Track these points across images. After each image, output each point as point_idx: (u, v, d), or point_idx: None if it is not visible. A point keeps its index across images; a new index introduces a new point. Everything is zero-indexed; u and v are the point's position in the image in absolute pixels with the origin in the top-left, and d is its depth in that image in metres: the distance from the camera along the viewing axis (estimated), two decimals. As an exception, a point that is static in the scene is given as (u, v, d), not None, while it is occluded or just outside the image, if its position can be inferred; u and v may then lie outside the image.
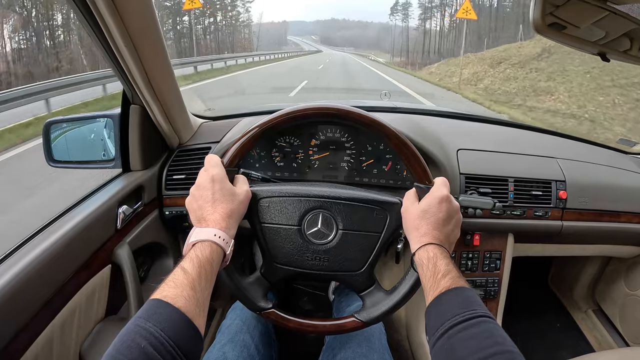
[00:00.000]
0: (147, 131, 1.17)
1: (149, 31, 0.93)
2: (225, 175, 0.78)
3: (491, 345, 0.56)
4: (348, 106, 0.87)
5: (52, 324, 0.85)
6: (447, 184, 0.81)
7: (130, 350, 0.51)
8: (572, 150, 1.40)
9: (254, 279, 0.87)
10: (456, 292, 0.66)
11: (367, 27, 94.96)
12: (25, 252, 0.83)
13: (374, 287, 0.87)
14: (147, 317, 0.56)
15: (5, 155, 5.08)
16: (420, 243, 0.75)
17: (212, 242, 0.69)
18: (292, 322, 0.87)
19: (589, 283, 1.77)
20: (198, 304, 0.62)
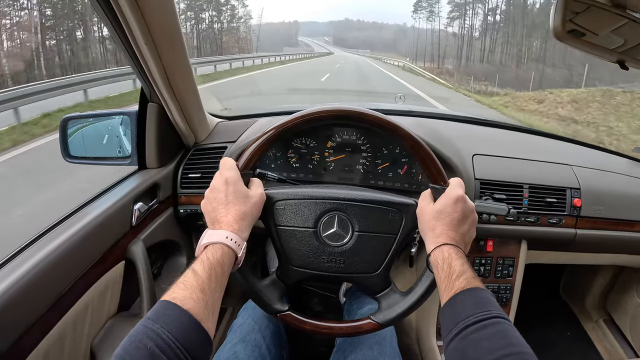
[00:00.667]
0: (163, 129, 1.17)
1: (169, 29, 0.94)
2: (239, 178, 0.78)
3: (505, 346, 0.56)
4: (363, 108, 0.87)
5: (64, 319, 0.85)
6: (462, 185, 0.81)
7: (138, 351, 0.52)
8: (588, 157, 1.39)
9: (269, 282, 0.87)
10: (471, 292, 0.66)
11: (382, 29, 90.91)
12: (40, 246, 0.84)
13: (389, 288, 0.87)
14: (155, 318, 0.56)
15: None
16: (435, 244, 0.75)
17: (224, 245, 0.69)
18: (308, 324, 0.87)
19: (600, 292, 1.75)
20: (207, 306, 0.62)
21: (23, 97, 6.37)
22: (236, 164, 0.81)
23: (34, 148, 5.29)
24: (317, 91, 11.22)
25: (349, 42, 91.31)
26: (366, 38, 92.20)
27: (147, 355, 0.52)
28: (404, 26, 73.08)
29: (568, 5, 0.70)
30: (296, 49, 56.06)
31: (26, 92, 6.55)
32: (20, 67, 14.18)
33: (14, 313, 0.73)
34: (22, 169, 4.70)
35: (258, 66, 21.42)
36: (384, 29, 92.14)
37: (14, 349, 0.73)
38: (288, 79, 15.97)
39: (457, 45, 38.71)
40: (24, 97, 6.39)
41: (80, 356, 0.94)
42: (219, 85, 12.26)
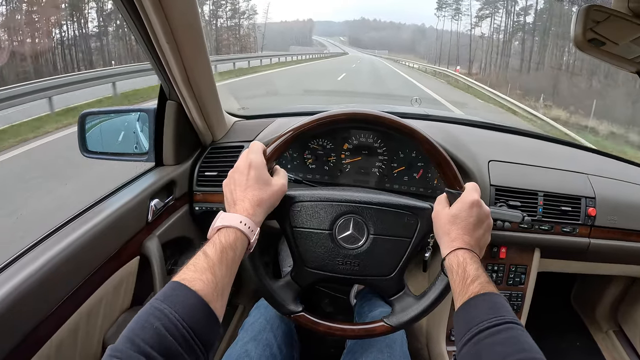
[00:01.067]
0: (181, 127, 1.18)
1: (191, 28, 0.95)
2: (263, 164, 0.78)
3: (518, 352, 0.56)
4: (382, 112, 0.87)
5: (78, 312, 0.86)
6: (478, 189, 0.81)
7: (143, 331, 0.52)
8: (603, 167, 1.38)
9: (284, 283, 0.88)
10: (485, 297, 0.66)
11: (400, 29, 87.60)
12: (57, 239, 0.85)
13: (403, 292, 0.87)
14: (163, 298, 0.57)
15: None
16: (450, 248, 0.75)
17: (237, 229, 0.69)
18: (322, 325, 0.87)
19: (611, 303, 1.73)
20: (217, 288, 0.61)
21: (56, 87, 6.98)
22: (264, 149, 0.81)
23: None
24: (332, 92, 11.10)
25: (365, 43, 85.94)
26: (382, 38, 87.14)
27: (154, 335, 0.52)
28: (423, 27, 68.46)
29: (589, 14, 0.70)
30: (307, 48, 52.55)
31: (58, 83, 7.17)
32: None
33: (30, 304, 0.74)
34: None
35: (265, 67, 18.76)
36: (402, 29, 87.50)
37: (28, 339, 0.73)
38: (297, 82, 14.48)
39: (489, 47, 30.08)
40: (57, 87, 7.02)
41: (92, 349, 0.95)
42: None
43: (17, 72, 10.13)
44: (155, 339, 0.52)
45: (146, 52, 0.98)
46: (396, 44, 74.84)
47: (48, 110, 6.68)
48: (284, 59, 24.86)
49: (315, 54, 40.16)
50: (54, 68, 14.62)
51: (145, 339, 0.51)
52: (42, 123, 6.21)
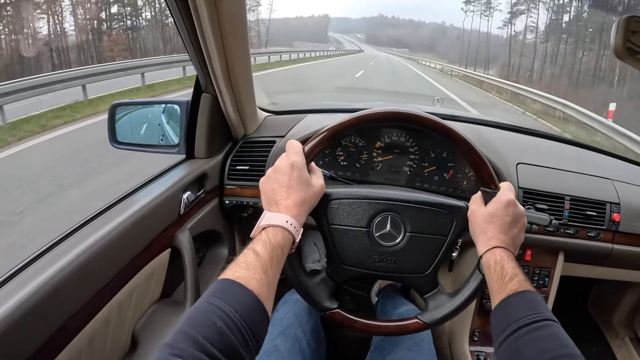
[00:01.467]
0: (215, 120, 1.19)
1: (237, 20, 0.95)
2: (304, 164, 0.78)
3: (557, 348, 0.57)
4: (421, 111, 0.88)
5: (110, 303, 0.86)
6: (513, 189, 0.82)
7: (205, 328, 0.51)
8: (629, 173, 1.38)
9: (320, 279, 0.88)
10: (523, 295, 0.66)
11: (419, 27, 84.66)
12: (90, 230, 0.85)
13: (437, 289, 0.88)
14: (220, 296, 0.56)
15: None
16: (487, 246, 0.76)
17: (284, 228, 0.70)
18: (358, 322, 0.88)
19: (629, 310, 1.73)
20: (269, 287, 0.62)
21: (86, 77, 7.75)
22: (303, 147, 0.81)
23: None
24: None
25: (382, 40, 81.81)
26: (401, 36, 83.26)
27: (216, 333, 0.51)
28: (443, 25, 65.68)
29: (629, 25, 0.70)
30: (317, 44, 50.09)
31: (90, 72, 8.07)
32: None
33: (63, 296, 0.74)
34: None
35: (271, 64, 17.44)
36: (421, 27, 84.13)
37: (61, 331, 0.74)
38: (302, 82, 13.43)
39: (527, 48, 25.19)
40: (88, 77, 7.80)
41: (122, 340, 0.96)
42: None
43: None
44: (217, 337, 0.51)
45: (188, 44, 0.99)
46: (415, 43, 70.36)
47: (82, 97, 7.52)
48: (296, 56, 23.64)
49: (326, 50, 36.69)
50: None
51: (208, 337, 0.50)
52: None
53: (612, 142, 6.32)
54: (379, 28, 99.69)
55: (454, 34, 47.33)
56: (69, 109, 7.00)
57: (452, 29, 52.53)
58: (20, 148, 5.21)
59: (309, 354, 0.97)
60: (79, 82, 7.54)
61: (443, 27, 63.59)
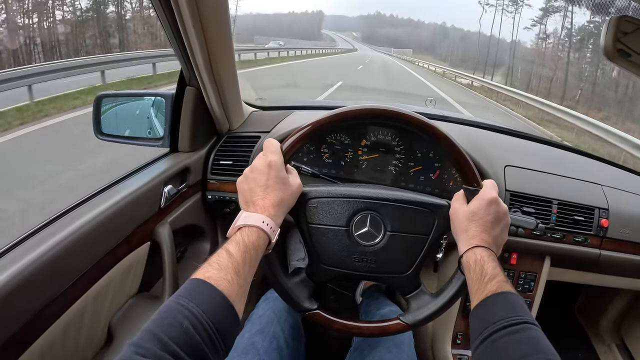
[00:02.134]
0: (199, 114, 1.18)
1: (218, 13, 0.94)
2: (282, 164, 0.77)
3: (535, 353, 0.55)
4: (402, 108, 0.87)
5: (86, 294, 0.85)
6: (496, 187, 0.80)
7: (171, 328, 0.51)
8: (618, 179, 1.37)
9: (299, 280, 0.87)
10: (502, 296, 0.65)
11: (418, 27, 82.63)
12: (68, 221, 0.84)
13: (419, 289, 0.86)
14: (189, 296, 0.55)
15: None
16: (468, 245, 0.74)
17: (259, 228, 0.69)
18: (337, 323, 0.87)
19: (615, 316, 1.73)
20: (240, 289, 0.61)
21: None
22: (280, 146, 0.80)
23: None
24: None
25: (380, 40, 78.97)
26: (400, 35, 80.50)
27: (182, 333, 0.51)
28: (443, 26, 64.35)
29: (620, 25, 0.69)
30: (318, 42, 48.33)
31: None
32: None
33: (39, 285, 0.73)
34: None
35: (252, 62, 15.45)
36: (421, 27, 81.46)
37: (35, 319, 0.73)
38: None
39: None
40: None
41: (98, 332, 0.95)
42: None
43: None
44: (183, 337, 0.50)
45: (170, 36, 0.98)
46: (413, 43, 66.53)
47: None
48: (286, 54, 22.19)
49: (313, 48, 32.83)
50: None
51: (173, 337, 0.49)
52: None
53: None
54: (375, 26, 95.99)
55: (457, 34, 44.68)
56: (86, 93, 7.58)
57: (453, 30, 50.29)
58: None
59: (287, 352, 0.96)
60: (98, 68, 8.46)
61: (444, 29, 61.40)
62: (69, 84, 7.42)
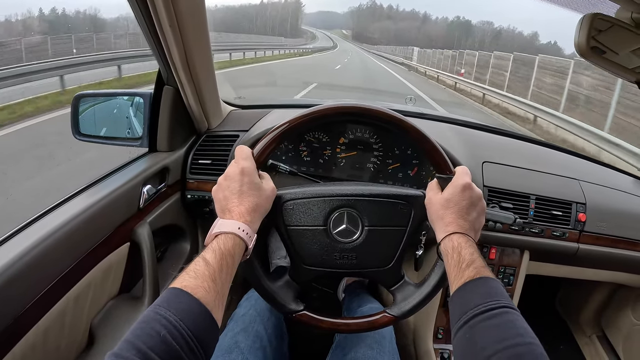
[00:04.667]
0: (177, 113, 1.17)
1: (195, 12, 0.94)
2: (255, 169, 0.78)
3: (513, 336, 0.55)
4: (370, 104, 0.87)
5: (66, 297, 0.85)
6: (469, 173, 0.80)
7: (150, 338, 0.51)
8: (595, 173, 1.40)
9: (283, 283, 0.87)
10: (480, 282, 0.65)
11: (425, 22, 73.50)
12: (47, 222, 0.83)
13: (403, 281, 0.87)
14: (167, 305, 0.56)
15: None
16: (445, 232, 0.74)
17: (236, 235, 0.69)
18: (325, 322, 0.87)
19: (596, 308, 1.76)
20: (217, 296, 0.61)
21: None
22: (252, 151, 0.81)
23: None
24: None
25: (374, 37, 72.06)
26: (400, 32, 73.35)
27: (160, 343, 0.51)
28: (464, 21, 55.54)
29: (593, 22, 0.70)
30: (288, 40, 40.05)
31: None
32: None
33: (17, 288, 0.72)
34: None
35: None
36: (428, 23, 72.68)
37: (15, 324, 0.72)
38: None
39: None
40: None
41: (79, 334, 0.94)
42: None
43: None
44: (162, 347, 0.51)
45: (147, 35, 0.97)
46: (415, 41, 55.03)
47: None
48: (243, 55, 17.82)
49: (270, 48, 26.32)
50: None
51: (152, 347, 0.50)
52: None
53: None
54: (369, 21, 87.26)
55: (488, 30, 37.90)
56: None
57: (478, 28, 43.28)
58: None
59: (271, 350, 0.96)
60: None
61: (466, 25, 54.31)
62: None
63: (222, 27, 35.63)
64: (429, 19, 67.76)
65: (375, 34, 73.42)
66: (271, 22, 63.69)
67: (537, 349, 0.54)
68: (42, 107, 6.33)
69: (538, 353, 0.53)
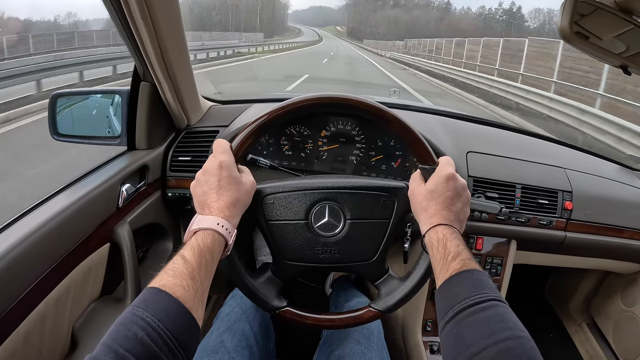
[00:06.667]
0: (155, 110, 1.15)
1: (168, 6, 0.92)
2: (233, 163, 0.76)
3: (502, 330, 0.54)
4: (348, 95, 0.85)
5: (46, 300, 0.83)
6: (452, 163, 0.79)
7: (127, 340, 0.50)
8: (581, 162, 1.40)
9: (265, 279, 0.85)
10: (467, 274, 0.64)
11: (447, 13, 56.29)
12: (23, 224, 0.82)
13: (387, 275, 0.86)
14: (144, 306, 0.54)
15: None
16: (429, 224, 0.73)
17: (214, 231, 0.67)
18: (309, 318, 0.85)
19: (585, 296, 1.77)
20: (197, 294, 0.60)
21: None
22: (230, 145, 0.79)
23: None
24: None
25: (376, 32, 59.98)
26: (411, 24, 59.22)
27: (138, 344, 0.50)
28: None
29: (576, 7, 0.69)
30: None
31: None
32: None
33: None
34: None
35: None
36: (449, 14, 55.83)
37: None
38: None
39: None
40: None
41: (61, 338, 0.92)
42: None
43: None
44: (140, 348, 0.50)
45: (120, 30, 0.95)
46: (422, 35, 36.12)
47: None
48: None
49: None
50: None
51: (129, 349, 0.49)
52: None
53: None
54: (370, 11, 74.76)
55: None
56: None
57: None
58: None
59: (257, 349, 0.95)
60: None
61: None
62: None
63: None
64: (449, 11, 52.17)
65: (379, 26, 63.28)
66: (235, 16, 57.98)
67: (527, 343, 0.53)
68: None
69: (528, 347, 0.52)
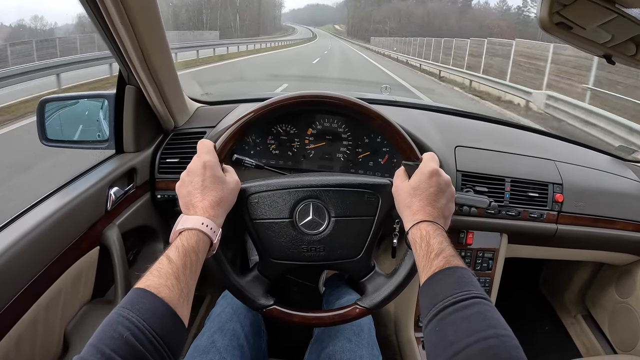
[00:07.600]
0: (142, 113, 1.15)
1: (146, 9, 0.92)
2: (217, 163, 0.76)
3: (485, 328, 0.53)
4: (331, 93, 0.85)
5: (37, 304, 0.84)
6: (436, 159, 0.78)
7: (113, 341, 0.51)
8: (571, 153, 1.40)
9: (252, 277, 0.86)
10: (449, 271, 0.63)
11: (466, 9, 48.49)
12: (12, 229, 0.82)
13: (373, 272, 0.86)
14: (130, 307, 0.55)
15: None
16: (413, 221, 0.72)
17: (199, 231, 0.68)
18: (296, 316, 0.86)
19: (579, 288, 1.77)
20: (182, 294, 0.60)
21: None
22: (214, 145, 0.79)
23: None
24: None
25: (381, 30, 48.56)
26: (426, 21, 45.62)
27: (123, 345, 0.51)
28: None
29: None
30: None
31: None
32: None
33: None
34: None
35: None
36: (468, 10, 46.48)
37: None
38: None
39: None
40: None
41: (53, 342, 0.93)
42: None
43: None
44: (125, 349, 0.50)
45: (102, 35, 0.95)
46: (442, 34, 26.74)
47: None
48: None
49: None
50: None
51: (115, 349, 0.50)
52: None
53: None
54: (375, 3, 62.02)
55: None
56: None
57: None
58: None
59: (248, 348, 0.95)
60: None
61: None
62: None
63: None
64: (468, 5, 43.78)
65: (386, 22, 53.70)
66: (210, 14, 55.08)
67: (510, 341, 0.52)
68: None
69: (510, 345, 0.52)
